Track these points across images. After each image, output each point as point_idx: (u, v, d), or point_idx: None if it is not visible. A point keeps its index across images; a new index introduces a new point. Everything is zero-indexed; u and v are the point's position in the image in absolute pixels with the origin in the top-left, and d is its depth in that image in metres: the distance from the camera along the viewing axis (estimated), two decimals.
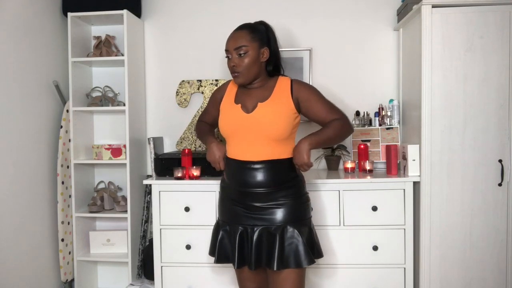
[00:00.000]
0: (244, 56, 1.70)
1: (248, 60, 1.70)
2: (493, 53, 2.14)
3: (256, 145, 1.71)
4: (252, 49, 1.70)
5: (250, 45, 1.70)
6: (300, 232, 1.70)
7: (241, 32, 1.74)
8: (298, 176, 1.79)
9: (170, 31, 2.84)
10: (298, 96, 1.75)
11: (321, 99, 1.78)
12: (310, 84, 1.88)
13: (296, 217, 1.73)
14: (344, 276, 2.26)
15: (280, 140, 1.71)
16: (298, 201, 1.76)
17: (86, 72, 2.79)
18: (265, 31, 1.77)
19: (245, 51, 1.70)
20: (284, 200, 1.72)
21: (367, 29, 2.73)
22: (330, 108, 1.79)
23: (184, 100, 2.79)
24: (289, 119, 1.71)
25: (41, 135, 2.51)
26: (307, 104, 1.76)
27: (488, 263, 2.19)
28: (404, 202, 2.23)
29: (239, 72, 1.71)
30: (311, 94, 1.76)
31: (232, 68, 1.73)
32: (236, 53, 1.71)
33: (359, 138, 2.60)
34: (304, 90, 1.76)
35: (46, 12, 2.57)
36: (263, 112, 1.70)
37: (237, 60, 1.71)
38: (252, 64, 1.71)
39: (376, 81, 2.72)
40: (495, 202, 2.17)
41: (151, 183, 2.37)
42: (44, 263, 2.52)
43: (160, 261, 2.33)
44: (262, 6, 2.77)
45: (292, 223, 1.71)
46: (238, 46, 1.70)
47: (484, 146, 2.16)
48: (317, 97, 1.77)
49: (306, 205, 1.79)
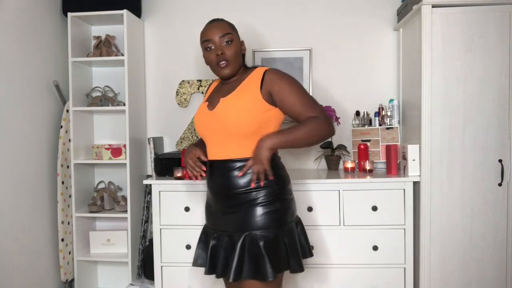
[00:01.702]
0: (231, 44, 1.60)
1: (235, 48, 1.61)
2: (493, 53, 2.14)
3: (221, 144, 1.59)
4: (236, 38, 1.64)
5: (233, 34, 1.63)
6: (264, 241, 1.51)
7: (221, 22, 1.65)
8: (279, 176, 1.61)
9: (170, 31, 2.84)
10: (269, 88, 1.56)
11: (296, 92, 1.56)
12: (287, 75, 1.61)
13: (259, 225, 1.53)
14: (344, 276, 2.26)
15: (247, 137, 1.55)
16: (266, 207, 1.55)
17: (86, 72, 2.79)
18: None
19: (232, 39, 1.61)
20: (249, 204, 1.55)
21: (367, 29, 2.73)
22: (305, 104, 1.56)
23: (184, 100, 2.79)
24: (253, 113, 1.53)
25: (41, 135, 2.51)
26: (280, 97, 1.55)
27: (488, 263, 2.19)
28: (404, 202, 2.23)
29: (228, 61, 1.60)
30: (284, 86, 1.55)
31: (220, 56, 1.59)
32: (222, 41, 1.59)
33: (359, 138, 2.60)
34: (276, 81, 1.56)
35: (46, 12, 2.57)
36: (224, 108, 1.57)
37: (225, 47, 1.59)
38: (238, 54, 1.63)
39: (376, 81, 2.72)
40: (495, 202, 2.17)
41: (151, 183, 2.37)
42: (44, 263, 2.52)
43: (160, 261, 2.33)
44: (262, 6, 2.77)
45: (255, 230, 1.52)
46: (225, 33, 1.60)
47: (484, 146, 2.16)
48: (291, 89, 1.56)
49: (275, 212, 1.56)
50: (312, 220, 2.25)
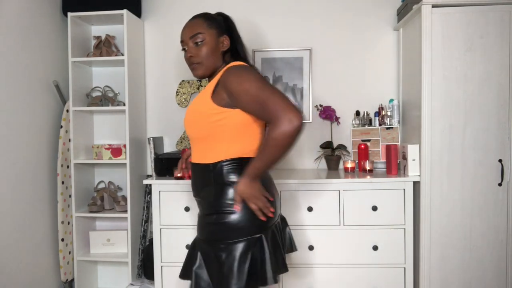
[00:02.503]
0: (201, 44, 1.52)
1: (206, 48, 1.52)
2: (493, 53, 2.14)
3: (193, 147, 1.56)
4: (210, 36, 1.53)
5: (206, 32, 1.53)
6: (205, 254, 1.47)
7: (196, 20, 1.56)
8: (216, 184, 1.47)
9: (170, 31, 2.84)
10: (224, 89, 1.43)
11: (247, 94, 1.37)
12: (238, 72, 1.42)
13: (204, 236, 1.49)
14: (344, 276, 2.26)
15: (202, 140, 1.49)
16: (210, 217, 1.47)
17: (86, 72, 2.79)
18: (222, 20, 1.62)
19: (202, 39, 1.52)
20: (201, 212, 1.54)
21: (367, 29, 2.73)
22: (260, 108, 1.35)
23: (184, 100, 2.79)
24: (203, 116, 1.46)
25: (41, 135, 2.51)
26: (235, 101, 1.41)
27: (488, 263, 2.19)
28: (404, 202, 2.23)
29: (198, 63, 1.53)
30: (234, 87, 1.39)
31: (189, 59, 1.54)
32: (192, 42, 1.53)
33: (359, 138, 2.60)
34: (228, 80, 1.41)
35: (46, 12, 2.57)
36: (188, 110, 1.54)
37: (194, 49, 1.53)
38: (211, 53, 1.53)
39: (376, 81, 2.72)
40: (495, 202, 2.17)
41: (151, 183, 2.37)
42: (44, 263, 2.52)
43: (160, 261, 2.33)
44: (262, 6, 2.77)
45: (202, 241, 1.49)
46: (194, 33, 1.52)
47: (484, 146, 2.16)
48: (240, 91, 1.38)
49: (214, 224, 1.46)
50: (312, 220, 2.25)
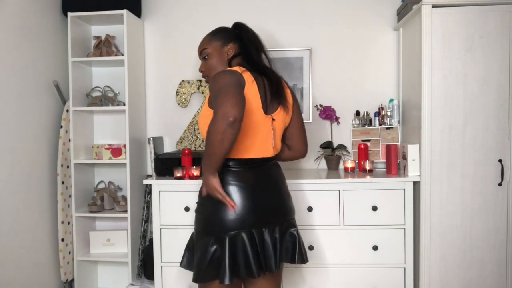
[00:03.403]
0: (207, 58, 1.72)
1: (211, 61, 1.71)
2: (493, 53, 2.14)
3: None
4: (213, 49, 1.71)
5: (210, 46, 1.72)
6: (191, 238, 1.70)
7: (204, 37, 1.78)
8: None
9: (170, 31, 2.84)
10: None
11: (211, 94, 1.50)
12: (217, 75, 1.52)
13: (194, 221, 1.68)
14: (344, 276, 2.26)
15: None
16: (197, 206, 1.66)
17: (86, 72, 2.79)
18: (230, 30, 1.76)
19: (207, 54, 1.72)
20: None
21: (367, 29, 2.73)
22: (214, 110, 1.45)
23: (184, 100, 2.79)
24: (202, 118, 1.61)
25: (41, 135, 2.51)
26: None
27: (488, 263, 2.19)
28: (404, 202, 2.23)
29: (207, 76, 1.74)
30: (209, 88, 1.53)
31: (200, 72, 1.77)
32: (201, 58, 1.75)
33: (359, 138, 2.60)
34: (209, 84, 1.55)
35: (46, 12, 2.57)
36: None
37: (203, 64, 1.74)
38: (216, 64, 1.70)
39: (376, 81, 2.72)
40: (495, 202, 2.17)
41: (151, 183, 2.37)
42: (44, 263, 2.52)
43: (160, 261, 2.33)
44: (262, 6, 2.77)
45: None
46: (201, 50, 1.75)
47: (484, 146, 2.16)
48: (210, 92, 1.52)
49: (197, 214, 1.64)
50: (312, 220, 2.25)
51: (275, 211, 1.64)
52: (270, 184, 1.65)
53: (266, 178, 1.64)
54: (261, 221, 1.59)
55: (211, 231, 1.56)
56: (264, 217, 1.59)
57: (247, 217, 1.56)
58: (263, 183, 1.62)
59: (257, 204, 1.58)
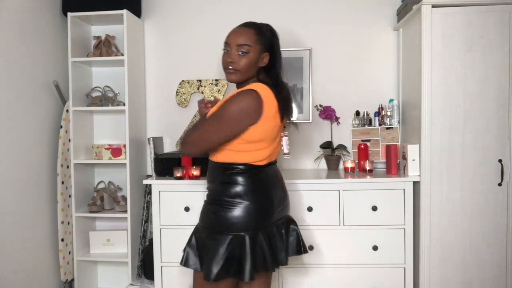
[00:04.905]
0: (244, 55, 1.61)
1: (247, 61, 1.62)
2: (493, 53, 2.14)
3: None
4: (254, 51, 1.62)
5: (253, 46, 1.62)
6: (198, 237, 1.68)
7: (247, 29, 1.64)
8: (221, 181, 1.65)
9: (170, 31, 2.84)
10: None
11: (220, 109, 1.59)
12: (230, 100, 1.58)
13: (202, 222, 1.69)
14: (344, 276, 2.26)
15: (224, 145, 1.63)
16: (210, 206, 1.66)
17: (86, 72, 2.79)
18: (270, 36, 1.69)
19: (247, 51, 1.61)
20: (205, 201, 1.72)
21: (367, 29, 2.72)
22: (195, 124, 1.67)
23: (184, 100, 2.79)
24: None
25: (41, 135, 2.51)
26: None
27: (488, 263, 2.19)
28: (404, 202, 2.23)
29: (236, 70, 1.63)
30: (225, 102, 1.59)
31: (227, 63, 1.63)
32: (237, 50, 1.61)
33: (359, 138, 2.60)
34: (229, 99, 1.60)
35: (46, 12, 2.57)
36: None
37: (236, 57, 1.62)
38: (250, 66, 1.63)
39: (376, 81, 2.72)
40: (495, 202, 2.17)
41: (151, 183, 2.37)
42: (44, 263, 2.52)
43: (160, 261, 2.33)
44: (262, 6, 2.77)
45: (200, 226, 1.69)
46: (242, 43, 1.61)
47: (484, 146, 2.16)
48: (222, 106, 1.59)
49: (208, 211, 1.66)
50: (312, 220, 2.25)
51: (282, 208, 1.73)
52: (278, 183, 1.74)
53: (276, 178, 1.74)
54: (274, 218, 1.69)
55: (229, 231, 1.59)
56: (276, 214, 1.69)
57: (265, 216, 1.65)
58: (274, 183, 1.72)
59: (272, 203, 1.67)
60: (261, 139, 1.62)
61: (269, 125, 1.61)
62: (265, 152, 1.65)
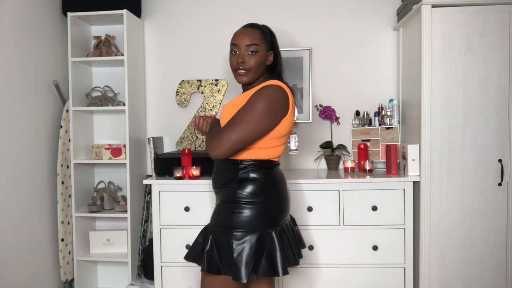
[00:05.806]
0: (254, 55, 1.64)
1: (257, 59, 1.65)
2: (493, 53, 2.14)
3: None
4: (262, 50, 1.66)
5: (261, 45, 1.66)
6: (217, 238, 1.60)
7: (253, 30, 1.68)
8: (240, 179, 1.63)
9: (170, 31, 2.84)
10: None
11: (243, 109, 1.58)
12: (259, 96, 1.58)
13: (220, 222, 1.63)
14: (344, 276, 2.26)
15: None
16: (229, 205, 1.62)
17: (86, 72, 2.79)
18: (270, 36, 1.74)
19: (256, 50, 1.64)
20: (220, 200, 1.69)
21: (367, 29, 2.73)
22: (231, 120, 1.59)
23: (184, 100, 2.79)
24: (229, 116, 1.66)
25: (41, 135, 2.51)
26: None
27: (488, 263, 2.19)
28: (404, 202, 2.23)
29: (247, 70, 1.65)
30: (247, 102, 1.59)
31: (238, 64, 1.65)
32: (246, 50, 1.64)
33: (359, 138, 2.60)
34: (254, 92, 1.61)
35: (46, 12, 2.57)
36: (224, 115, 1.68)
37: (246, 57, 1.64)
38: (260, 65, 1.67)
39: (376, 81, 2.72)
40: (495, 202, 2.17)
41: (151, 183, 2.37)
42: (44, 263, 2.52)
43: (160, 261, 2.33)
44: (262, 6, 2.77)
45: (216, 227, 1.63)
46: (251, 43, 1.64)
47: (484, 146, 2.16)
48: (244, 106, 1.59)
49: (231, 212, 1.60)
50: (312, 220, 2.25)
51: (289, 205, 1.79)
52: (285, 180, 1.79)
53: (283, 175, 1.79)
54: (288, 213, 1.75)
55: (256, 228, 1.59)
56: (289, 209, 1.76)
57: (286, 211, 1.71)
58: (285, 179, 1.78)
59: (288, 198, 1.74)
60: (286, 134, 1.67)
61: (292, 120, 1.67)
62: (281, 148, 1.70)
